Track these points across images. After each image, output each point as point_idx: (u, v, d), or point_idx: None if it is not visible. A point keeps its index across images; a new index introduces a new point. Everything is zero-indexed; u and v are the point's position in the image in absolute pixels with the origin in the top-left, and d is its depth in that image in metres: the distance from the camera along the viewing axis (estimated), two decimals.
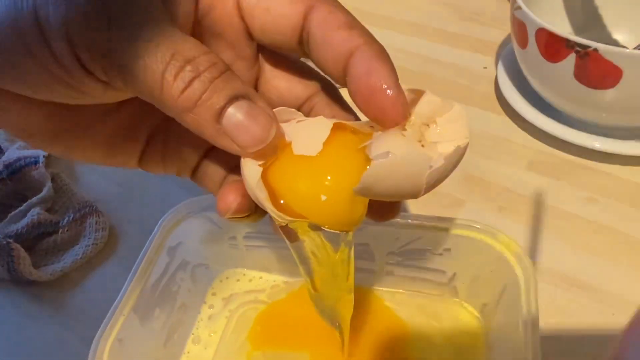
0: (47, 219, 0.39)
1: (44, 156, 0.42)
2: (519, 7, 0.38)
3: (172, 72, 0.17)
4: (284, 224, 0.20)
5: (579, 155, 0.41)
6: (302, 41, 0.20)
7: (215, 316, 0.34)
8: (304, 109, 0.22)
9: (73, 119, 0.21)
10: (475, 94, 0.49)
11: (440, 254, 0.31)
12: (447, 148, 0.18)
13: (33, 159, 0.42)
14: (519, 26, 0.39)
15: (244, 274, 0.36)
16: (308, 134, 0.19)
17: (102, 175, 0.45)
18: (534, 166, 0.42)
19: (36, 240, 0.39)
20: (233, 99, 0.17)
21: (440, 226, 0.30)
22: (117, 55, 0.17)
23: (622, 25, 0.46)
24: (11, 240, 0.36)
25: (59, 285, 0.37)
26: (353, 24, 0.19)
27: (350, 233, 0.21)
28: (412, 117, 0.18)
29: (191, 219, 0.32)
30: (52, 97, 0.19)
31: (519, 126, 0.45)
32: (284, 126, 0.19)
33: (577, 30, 0.47)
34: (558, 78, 0.37)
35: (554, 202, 0.39)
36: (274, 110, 0.19)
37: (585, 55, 0.34)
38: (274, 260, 0.35)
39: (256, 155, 0.19)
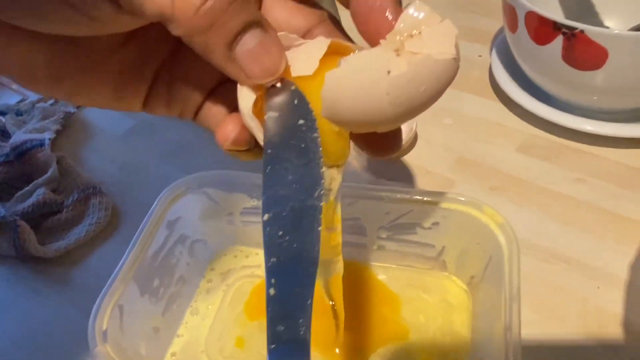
0: (52, 198, 0.40)
1: (49, 139, 0.44)
2: None
3: None
4: None
5: (569, 138, 0.42)
6: None
7: (213, 289, 0.35)
8: (306, 38, 0.21)
9: (79, 57, 0.20)
10: (469, 81, 0.50)
11: (429, 228, 0.32)
12: (423, 55, 0.16)
13: (39, 142, 0.43)
14: (510, 11, 0.40)
15: (241, 250, 0.37)
16: (305, 55, 0.18)
17: (105, 158, 0.46)
18: (524, 149, 0.43)
19: (42, 218, 0.40)
20: (248, 26, 0.17)
21: (428, 200, 0.31)
22: None
23: (613, 13, 0.47)
24: (18, 218, 0.38)
25: (63, 261, 0.38)
26: None
27: (336, 181, 0.21)
28: (397, 26, 0.17)
29: (190, 195, 0.33)
30: (60, 27, 0.18)
31: (512, 110, 0.46)
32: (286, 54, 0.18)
33: (570, 18, 0.48)
34: (547, 61, 0.38)
35: (544, 183, 0.40)
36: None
37: (572, 36, 0.35)
38: None
39: (258, 85, 0.18)
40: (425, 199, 0.31)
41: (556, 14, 0.48)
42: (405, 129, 0.43)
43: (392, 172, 0.42)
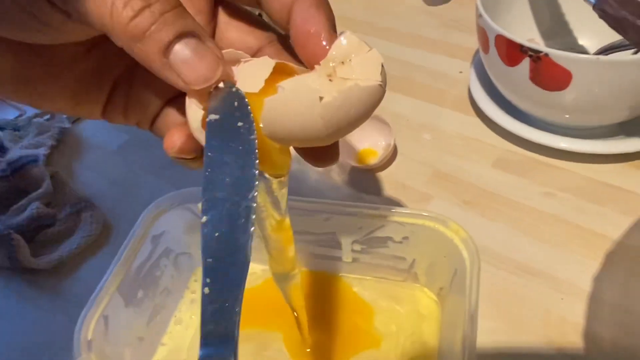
0: (45, 212, 0.42)
1: (44, 155, 0.46)
2: (481, 15, 0.41)
3: (122, 0, 0.17)
4: None
5: (542, 153, 0.44)
6: None
7: (197, 300, 0.37)
8: (257, 57, 0.22)
9: (41, 64, 0.21)
10: (449, 97, 0.52)
11: (400, 242, 0.34)
12: (351, 83, 0.18)
13: (34, 158, 0.45)
14: (482, 33, 0.42)
15: None
16: (252, 73, 0.19)
17: (97, 173, 0.48)
18: (499, 164, 0.44)
19: (35, 231, 0.42)
20: (182, 35, 0.18)
21: (398, 216, 0.33)
22: None
23: (587, 32, 0.49)
24: (12, 231, 0.40)
25: (56, 273, 0.40)
26: None
27: (282, 191, 0.23)
28: (331, 53, 0.19)
29: (174, 210, 0.35)
30: (18, 33, 0.19)
31: (489, 127, 0.48)
32: (232, 68, 0.20)
33: (545, 36, 0.50)
34: (517, 81, 0.40)
35: (516, 197, 0.41)
36: (222, 51, 0.19)
37: (537, 59, 0.37)
38: (251, 250, 0.37)
39: (201, 94, 0.19)
40: (395, 215, 0.33)
41: (532, 33, 0.50)
42: (384, 144, 0.45)
43: (371, 187, 0.44)
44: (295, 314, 0.30)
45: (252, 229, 0.18)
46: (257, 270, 0.38)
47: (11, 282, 0.40)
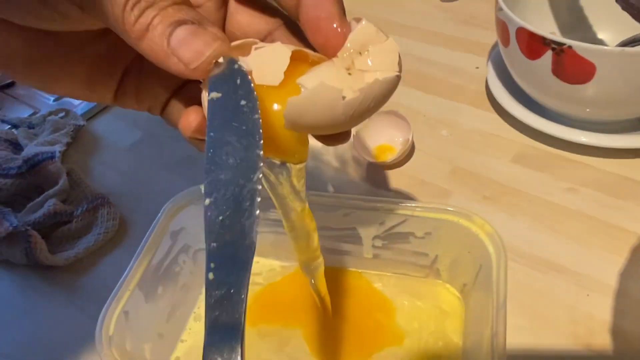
0: (62, 209, 0.42)
1: (59, 151, 0.46)
2: (501, 9, 0.41)
3: (131, 3, 0.18)
4: None
5: (562, 148, 0.43)
6: None
7: None
8: (266, 41, 0.22)
9: (52, 46, 0.21)
10: (466, 92, 0.51)
11: (422, 237, 0.33)
12: (371, 78, 0.18)
13: (50, 154, 0.45)
14: (502, 26, 0.41)
15: None
16: (268, 62, 0.19)
17: (112, 169, 0.48)
18: (518, 159, 0.44)
19: (52, 228, 0.42)
20: (181, 22, 0.18)
21: (420, 211, 0.32)
22: None
23: (606, 25, 0.48)
24: (29, 228, 0.39)
25: (73, 270, 0.40)
26: None
27: (302, 178, 0.23)
28: (347, 44, 0.19)
29: (193, 206, 0.35)
30: (34, 21, 0.20)
31: (507, 122, 0.47)
32: (245, 58, 0.20)
33: (563, 31, 0.49)
34: (538, 74, 0.40)
35: (537, 192, 0.41)
36: (234, 42, 0.20)
37: (560, 52, 0.36)
38: (270, 246, 0.37)
39: (199, 73, 0.19)
40: (417, 209, 0.32)
41: (550, 27, 0.49)
42: (402, 140, 0.45)
43: (388, 183, 0.43)
44: (319, 303, 0.30)
45: (258, 212, 0.17)
46: (276, 267, 0.38)
47: (28, 279, 0.40)
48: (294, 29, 0.23)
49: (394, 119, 0.45)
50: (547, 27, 0.49)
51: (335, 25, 0.19)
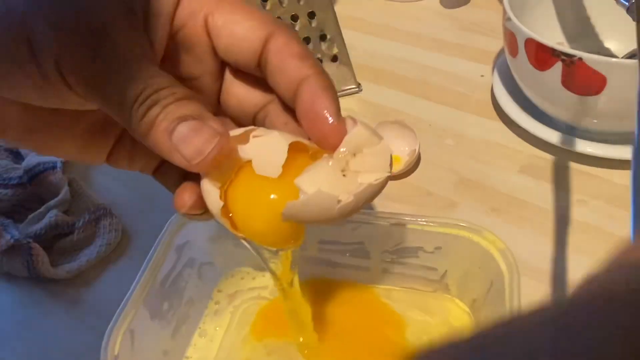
0: (64, 220, 0.41)
1: (61, 162, 0.45)
2: (509, 18, 0.40)
3: (140, 102, 0.19)
4: (239, 237, 0.22)
5: (570, 160, 0.43)
6: (261, 64, 0.22)
7: (220, 311, 0.36)
8: (260, 115, 0.24)
9: (48, 117, 0.22)
10: (471, 101, 0.51)
11: (432, 252, 0.33)
12: (365, 179, 0.20)
13: (51, 165, 0.44)
14: (510, 36, 0.41)
15: (248, 272, 0.38)
16: (267, 153, 0.21)
17: (115, 180, 0.47)
18: (526, 170, 0.43)
19: (54, 240, 0.41)
20: (182, 119, 0.19)
21: (430, 225, 0.32)
22: (99, 84, 0.19)
23: (613, 35, 0.48)
24: (31, 241, 0.39)
25: (75, 282, 0.39)
26: (306, 55, 0.21)
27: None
28: (341, 148, 0.20)
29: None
30: (31, 101, 0.21)
31: (513, 132, 0.47)
32: (243, 146, 0.21)
33: (570, 40, 0.49)
34: (547, 85, 0.39)
35: (545, 204, 0.40)
36: (232, 131, 0.21)
37: (571, 63, 0.36)
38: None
39: (202, 169, 0.20)
40: (427, 224, 0.32)
41: (557, 36, 0.49)
42: (408, 150, 0.44)
43: (394, 194, 0.43)
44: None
45: None
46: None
47: (29, 292, 0.39)
48: (285, 105, 0.23)
49: (400, 129, 0.44)
50: (554, 36, 0.48)
51: (332, 124, 0.20)
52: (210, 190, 0.21)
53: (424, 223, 0.32)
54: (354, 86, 0.52)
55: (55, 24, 0.19)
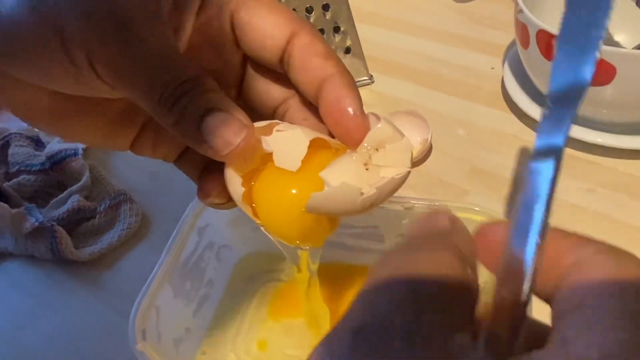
0: (85, 205, 0.43)
1: (82, 148, 0.46)
2: (521, 11, 0.41)
3: (168, 92, 0.20)
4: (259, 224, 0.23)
5: (580, 149, 0.44)
6: (284, 60, 0.22)
7: (239, 293, 0.37)
8: (280, 109, 0.24)
9: (77, 105, 0.22)
10: (482, 93, 0.52)
11: None
12: (387, 173, 0.21)
13: (73, 151, 0.46)
14: (521, 28, 0.42)
15: (265, 256, 0.39)
16: (288, 147, 0.21)
17: (134, 167, 0.49)
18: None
19: (76, 224, 0.42)
20: (210, 111, 0.20)
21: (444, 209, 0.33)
22: (128, 74, 0.20)
23: (623, 28, 0.48)
24: (55, 223, 0.40)
25: (96, 264, 0.41)
26: (329, 54, 0.22)
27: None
28: (365, 142, 0.21)
29: None
30: (61, 89, 0.21)
31: (524, 122, 0.47)
32: (266, 138, 0.22)
33: None
34: None
35: (554, 193, 0.41)
36: (260, 122, 0.21)
37: None
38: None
39: (229, 160, 0.21)
40: (441, 208, 0.33)
41: None
42: (420, 139, 0.45)
43: (407, 182, 0.44)
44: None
45: None
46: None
47: (53, 273, 0.41)
48: (305, 100, 0.24)
49: (413, 119, 0.45)
50: None
51: (356, 120, 0.21)
52: (233, 178, 0.22)
53: (439, 207, 0.33)
54: (366, 78, 0.53)
55: (86, 14, 0.20)
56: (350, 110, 0.21)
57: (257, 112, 0.25)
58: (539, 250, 0.14)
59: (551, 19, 0.41)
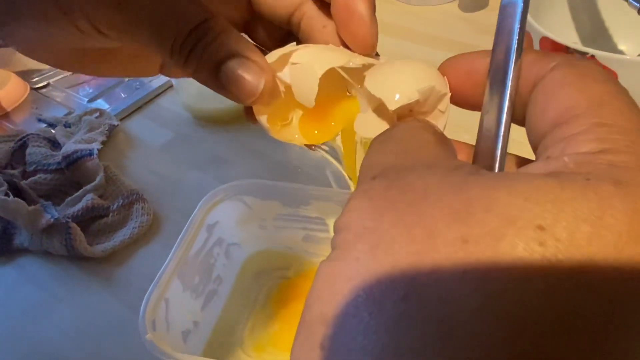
0: (99, 203, 0.44)
1: (97, 149, 0.48)
2: None
3: (179, 42, 0.19)
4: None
5: None
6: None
7: (246, 289, 0.38)
8: (295, 17, 0.23)
9: (95, 50, 0.22)
10: None
11: None
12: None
13: (88, 151, 0.47)
14: (525, 35, 0.43)
15: (272, 253, 0.40)
16: (302, 83, 0.20)
17: (144, 168, 0.50)
18: None
19: (90, 222, 0.44)
20: (226, 59, 0.19)
21: None
22: (131, 30, 0.19)
23: (626, 37, 0.49)
24: (70, 220, 0.41)
25: (109, 261, 0.42)
26: None
27: None
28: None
29: (228, 201, 0.37)
30: (77, 47, 0.22)
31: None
32: (282, 73, 0.21)
33: (584, 41, 0.50)
34: None
35: None
36: (272, 54, 0.20)
37: None
38: (299, 241, 0.39)
39: (254, 104, 0.20)
40: None
41: (572, 37, 0.51)
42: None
43: None
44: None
45: None
46: (306, 261, 0.39)
47: (67, 269, 0.42)
48: (321, 1, 0.23)
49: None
50: (569, 38, 0.50)
51: (365, 23, 0.20)
52: (260, 116, 0.21)
53: None
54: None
55: None
56: (360, 12, 0.20)
57: (271, 22, 0.24)
58: (517, 71, 0.16)
59: (554, 28, 0.42)
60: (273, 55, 0.21)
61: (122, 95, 0.59)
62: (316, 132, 0.22)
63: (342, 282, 0.12)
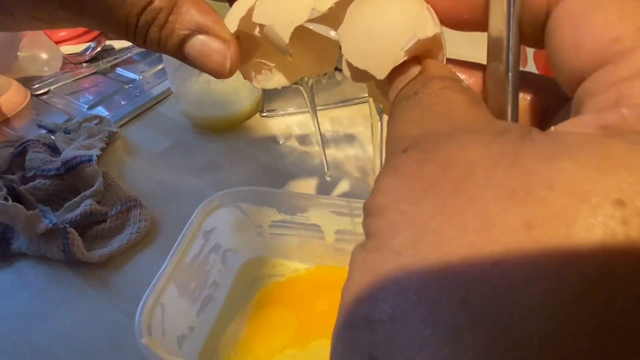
0: (97, 209, 0.44)
1: (96, 155, 0.48)
2: None
3: (131, 28, 0.19)
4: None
5: None
6: None
7: (242, 295, 0.38)
8: None
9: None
10: None
11: None
12: None
13: (87, 157, 0.48)
14: None
15: (268, 260, 0.40)
16: (274, 42, 0.19)
17: (142, 174, 0.51)
18: None
19: (88, 227, 0.44)
20: (187, 38, 0.19)
21: None
22: (84, 10, 0.19)
23: None
24: (68, 225, 0.42)
25: (106, 266, 0.42)
26: None
27: None
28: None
29: (224, 208, 0.37)
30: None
31: None
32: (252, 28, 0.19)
33: None
34: None
35: None
36: (242, 9, 0.19)
37: None
38: (295, 248, 0.39)
39: (231, 74, 0.20)
40: None
41: None
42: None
43: None
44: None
45: None
46: (301, 269, 0.40)
47: (64, 274, 0.42)
48: None
49: None
50: None
51: None
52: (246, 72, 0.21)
53: None
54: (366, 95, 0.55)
55: None
56: None
57: None
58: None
59: None
60: (235, 17, 0.19)
61: (122, 102, 0.60)
62: (300, 69, 0.21)
63: (384, 280, 0.11)
